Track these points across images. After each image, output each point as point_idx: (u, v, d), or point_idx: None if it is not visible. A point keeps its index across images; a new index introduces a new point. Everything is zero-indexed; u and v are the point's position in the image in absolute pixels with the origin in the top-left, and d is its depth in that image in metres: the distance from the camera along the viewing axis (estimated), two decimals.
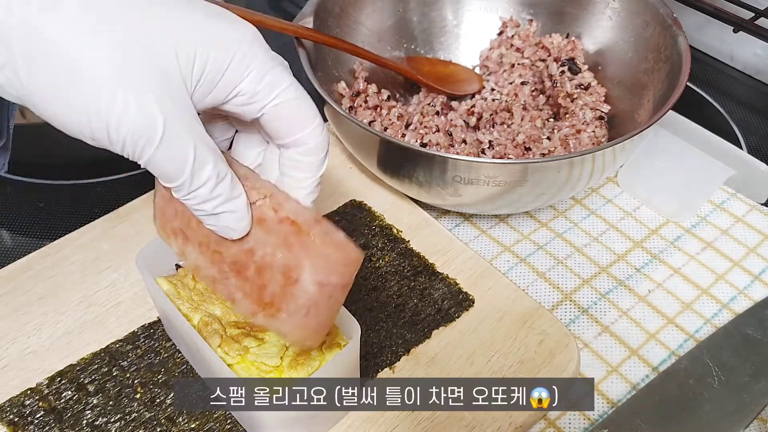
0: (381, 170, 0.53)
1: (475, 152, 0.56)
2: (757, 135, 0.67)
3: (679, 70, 0.52)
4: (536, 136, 0.56)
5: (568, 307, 0.51)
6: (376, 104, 0.58)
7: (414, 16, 0.66)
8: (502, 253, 0.55)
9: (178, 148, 0.31)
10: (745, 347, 0.47)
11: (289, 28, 0.54)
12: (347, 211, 0.55)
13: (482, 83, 0.65)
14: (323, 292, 0.34)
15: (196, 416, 0.42)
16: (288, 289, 0.34)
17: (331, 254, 0.34)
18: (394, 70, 0.62)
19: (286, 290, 0.34)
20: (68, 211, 0.61)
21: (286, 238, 0.34)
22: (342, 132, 0.55)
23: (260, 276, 0.35)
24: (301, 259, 0.34)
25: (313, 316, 0.35)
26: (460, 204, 0.52)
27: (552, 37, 0.64)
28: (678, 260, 0.54)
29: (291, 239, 0.34)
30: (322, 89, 0.51)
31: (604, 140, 0.58)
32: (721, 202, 0.58)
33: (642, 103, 0.57)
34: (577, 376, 0.46)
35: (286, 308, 0.34)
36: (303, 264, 0.34)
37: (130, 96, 0.29)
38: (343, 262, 0.35)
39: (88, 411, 0.43)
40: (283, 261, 0.34)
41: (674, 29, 0.55)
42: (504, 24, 0.66)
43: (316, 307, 0.34)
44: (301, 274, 0.34)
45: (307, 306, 0.34)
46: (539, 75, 0.63)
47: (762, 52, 0.72)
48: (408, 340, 0.47)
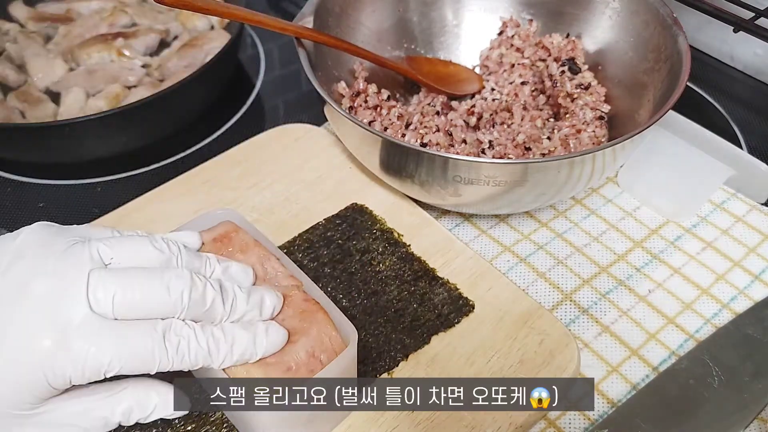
0: (381, 170, 0.53)
1: (475, 152, 0.56)
2: (757, 135, 0.67)
3: (679, 70, 0.52)
4: (536, 136, 0.56)
5: (568, 307, 0.51)
6: (376, 104, 0.58)
7: (414, 16, 0.66)
8: (502, 253, 0.55)
9: None
10: (746, 347, 0.47)
11: (289, 28, 0.54)
12: (348, 214, 0.55)
13: (482, 83, 0.65)
14: (309, 363, 0.38)
15: (193, 418, 0.42)
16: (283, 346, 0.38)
17: (335, 337, 0.39)
18: (394, 70, 0.62)
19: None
20: (68, 211, 0.61)
21: (304, 312, 0.40)
22: (342, 132, 0.55)
23: None
24: (307, 328, 0.39)
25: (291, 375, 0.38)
26: (460, 204, 0.52)
27: (552, 37, 0.64)
28: (678, 260, 0.54)
29: (306, 314, 0.39)
30: (322, 89, 0.51)
31: (604, 140, 0.58)
32: (721, 202, 0.58)
33: (642, 103, 0.57)
34: (577, 376, 0.46)
35: (272, 357, 0.38)
36: (309, 332, 0.39)
37: None
38: (339, 349, 0.39)
39: None
40: (290, 325, 0.39)
41: (674, 29, 0.55)
42: (504, 24, 0.66)
43: (296, 372, 0.37)
44: (301, 337, 0.38)
45: (291, 365, 0.38)
46: (539, 75, 0.63)
47: (762, 52, 0.72)
48: (407, 345, 0.47)
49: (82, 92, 0.67)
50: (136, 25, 0.76)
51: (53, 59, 0.71)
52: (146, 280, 0.35)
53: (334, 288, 0.50)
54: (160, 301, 0.35)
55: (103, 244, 0.36)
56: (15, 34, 0.74)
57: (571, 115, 0.58)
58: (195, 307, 0.36)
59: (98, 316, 0.34)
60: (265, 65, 0.78)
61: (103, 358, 0.33)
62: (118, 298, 0.34)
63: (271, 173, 0.59)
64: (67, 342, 0.33)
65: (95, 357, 0.33)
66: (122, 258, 0.36)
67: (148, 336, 0.34)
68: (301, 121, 0.64)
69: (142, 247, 0.37)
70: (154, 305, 0.35)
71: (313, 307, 0.40)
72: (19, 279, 0.34)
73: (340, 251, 0.52)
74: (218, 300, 0.36)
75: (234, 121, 0.70)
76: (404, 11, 0.65)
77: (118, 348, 0.34)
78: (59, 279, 0.34)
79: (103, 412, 0.36)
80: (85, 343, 0.33)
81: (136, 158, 0.65)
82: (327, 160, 0.60)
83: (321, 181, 0.58)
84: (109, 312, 0.34)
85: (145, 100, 0.60)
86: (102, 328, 0.34)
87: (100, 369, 0.34)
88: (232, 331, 0.37)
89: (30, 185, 0.64)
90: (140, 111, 0.60)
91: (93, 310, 0.34)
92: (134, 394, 0.37)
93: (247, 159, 0.60)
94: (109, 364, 0.34)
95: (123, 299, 0.34)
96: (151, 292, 0.35)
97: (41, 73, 0.69)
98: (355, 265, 0.51)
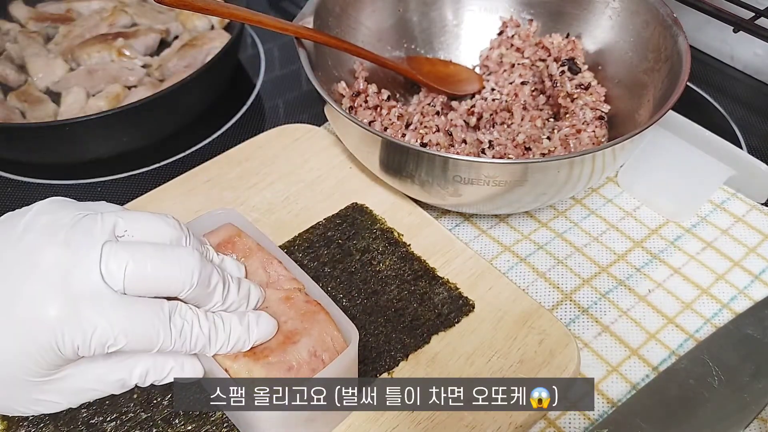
0: (381, 170, 0.53)
1: (475, 152, 0.56)
2: (757, 135, 0.67)
3: (679, 70, 0.52)
4: (536, 136, 0.56)
5: (568, 307, 0.51)
6: (377, 104, 0.58)
7: (414, 15, 0.66)
8: (502, 253, 0.55)
9: None
10: (746, 347, 0.47)
11: (289, 28, 0.54)
12: (348, 213, 0.55)
13: (482, 83, 0.65)
14: (311, 362, 0.38)
15: (193, 418, 0.42)
16: (285, 346, 0.38)
17: (337, 337, 0.39)
18: (395, 70, 0.62)
19: (283, 346, 0.38)
20: None
21: (305, 313, 0.40)
22: (342, 132, 0.55)
23: None
24: (309, 328, 0.39)
25: (293, 374, 0.38)
26: (460, 204, 0.52)
27: (552, 37, 0.64)
28: (678, 260, 0.54)
29: (308, 314, 0.40)
30: (322, 89, 0.51)
31: (604, 140, 0.58)
32: (721, 202, 0.58)
33: (642, 103, 0.57)
34: (577, 376, 0.46)
35: (273, 356, 0.38)
36: (311, 332, 0.39)
37: None
38: (340, 349, 0.39)
39: (83, 410, 0.43)
40: (292, 326, 0.39)
41: (674, 29, 0.55)
42: (504, 24, 0.66)
43: (298, 371, 0.37)
44: (302, 338, 0.39)
45: (293, 365, 0.38)
46: (539, 75, 0.63)
47: (762, 52, 0.72)
48: (407, 345, 0.47)
49: (82, 92, 0.67)
50: (136, 25, 0.76)
51: (53, 59, 0.71)
52: (159, 253, 0.35)
53: (334, 288, 0.50)
54: (171, 276, 0.35)
55: (117, 216, 0.36)
56: (15, 34, 0.74)
57: (571, 115, 0.58)
58: (200, 288, 0.36)
59: (109, 289, 0.34)
60: (265, 65, 0.78)
61: (111, 332, 0.34)
62: (129, 269, 0.34)
63: (271, 173, 0.59)
64: (78, 312, 0.33)
65: (104, 329, 0.33)
66: (135, 232, 0.36)
67: (155, 315, 0.35)
68: (301, 121, 0.64)
69: (155, 223, 0.37)
70: (164, 280, 0.35)
71: (315, 308, 0.40)
72: (31, 249, 0.34)
73: (340, 251, 0.52)
74: (219, 285, 0.37)
75: (234, 121, 0.70)
76: (404, 11, 0.65)
77: (126, 323, 0.34)
78: (71, 250, 0.34)
79: (120, 374, 0.37)
80: (95, 315, 0.33)
81: (136, 158, 0.65)
82: (327, 160, 0.60)
83: (321, 181, 0.58)
84: (120, 284, 0.34)
85: (145, 100, 0.60)
86: (113, 302, 0.34)
87: (107, 342, 0.34)
88: (230, 319, 0.37)
89: (30, 185, 0.64)
90: (140, 111, 0.60)
91: (105, 282, 0.34)
92: (151, 358, 0.37)
93: (247, 159, 0.60)
94: (115, 338, 0.34)
95: (135, 271, 0.34)
96: (163, 266, 0.35)
97: (41, 73, 0.70)
98: (355, 265, 0.51)
